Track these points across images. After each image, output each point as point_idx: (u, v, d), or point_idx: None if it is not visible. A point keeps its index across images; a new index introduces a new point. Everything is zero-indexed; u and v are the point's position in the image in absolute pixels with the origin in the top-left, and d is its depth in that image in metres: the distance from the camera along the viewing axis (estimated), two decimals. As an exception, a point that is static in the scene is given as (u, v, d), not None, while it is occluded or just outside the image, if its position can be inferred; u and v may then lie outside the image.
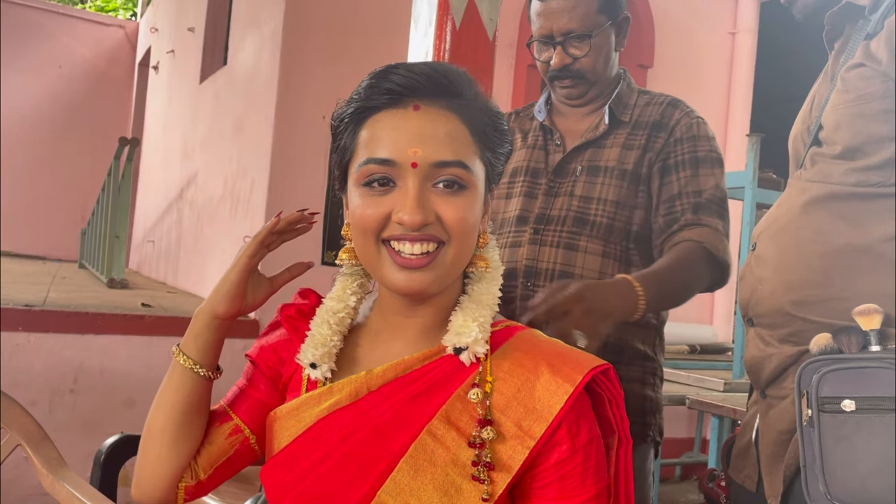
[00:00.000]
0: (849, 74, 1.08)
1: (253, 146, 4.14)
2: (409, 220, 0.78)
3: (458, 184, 0.80)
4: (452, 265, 0.82)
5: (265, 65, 4.07)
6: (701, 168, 1.42)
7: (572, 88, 1.50)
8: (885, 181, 1.03)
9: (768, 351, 1.12)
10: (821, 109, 1.14)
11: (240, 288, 0.89)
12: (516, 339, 0.87)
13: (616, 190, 1.44)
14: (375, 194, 0.80)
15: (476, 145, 0.83)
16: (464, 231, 0.81)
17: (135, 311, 3.56)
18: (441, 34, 2.57)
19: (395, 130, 0.80)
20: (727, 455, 1.29)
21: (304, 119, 3.81)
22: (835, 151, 1.08)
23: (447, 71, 0.83)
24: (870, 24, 1.08)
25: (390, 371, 0.84)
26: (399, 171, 0.79)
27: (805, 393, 0.95)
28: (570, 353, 0.85)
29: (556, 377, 0.81)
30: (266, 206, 3.81)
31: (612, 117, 1.49)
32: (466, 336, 0.81)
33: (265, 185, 3.84)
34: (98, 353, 3.33)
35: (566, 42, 1.46)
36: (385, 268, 0.82)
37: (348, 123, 0.84)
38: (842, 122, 1.08)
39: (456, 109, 0.82)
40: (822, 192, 1.09)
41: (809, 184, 1.12)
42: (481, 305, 0.85)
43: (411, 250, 0.79)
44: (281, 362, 0.93)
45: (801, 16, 1.21)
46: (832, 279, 1.05)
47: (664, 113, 1.48)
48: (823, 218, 1.07)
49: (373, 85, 0.83)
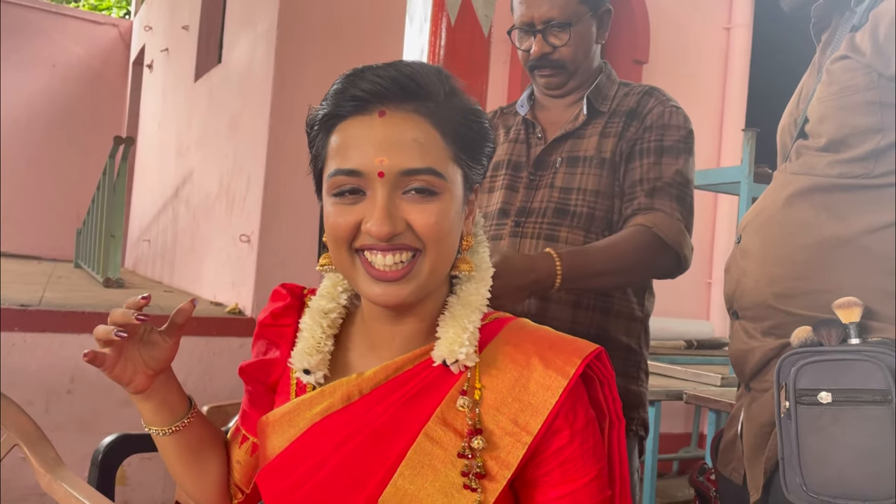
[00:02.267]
0: (833, 67, 1.09)
1: (248, 144, 4.14)
2: (376, 230, 0.76)
3: (430, 190, 0.78)
4: (430, 274, 0.80)
5: (260, 62, 4.07)
6: (665, 156, 1.42)
7: (552, 77, 1.50)
8: (868, 173, 1.03)
9: (752, 344, 1.13)
10: (807, 102, 1.14)
11: (130, 370, 0.87)
12: (506, 331, 0.86)
13: (595, 179, 1.44)
14: (346, 203, 0.79)
15: (449, 149, 0.80)
16: (438, 237, 0.78)
17: (131, 311, 3.55)
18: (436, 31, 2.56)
19: (362, 139, 0.77)
20: (716, 449, 1.29)
21: (300, 116, 3.74)
22: (819, 144, 1.08)
23: (415, 73, 0.79)
24: (855, 15, 1.08)
25: (381, 373, 0.83)
26: (367, 181, 0.77)
27: (783, 385, 0.96)
28: (561, 342, 0.84)
29: (548, 370, 0.81)
30: (262, 204, 3.81)
31: (591, 108, 1.50)
32: (456, 352, 0.80)
33: (261, 182, 3.83)
34: (94, 353, 3.32)
35: (546, 31, 1.46)
36: (360, 279, 0.80)
37: (318, 130, 0.82)
38: (826, 115, 1.08)
39: (425, 113, 0.79)
40: (805, 185, 1.09)
41: (794, 176, 1.12)
42: (469, 308, 0.84)
43: (384, 262, 0.78)
44: (269, 372, 0.93)
45: (788, 8, 1.21)
46: (814, 271, 1.05)
47: (640, 101, 1.48)
48: (806, 210, 1.07)
49: (339, 91, 0.80)
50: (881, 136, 1.01)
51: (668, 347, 3.93)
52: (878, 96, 1.01)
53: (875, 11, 1.03)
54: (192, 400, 0.95)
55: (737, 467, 1.17)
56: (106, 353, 0.85)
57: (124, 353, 0.86)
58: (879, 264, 1.00)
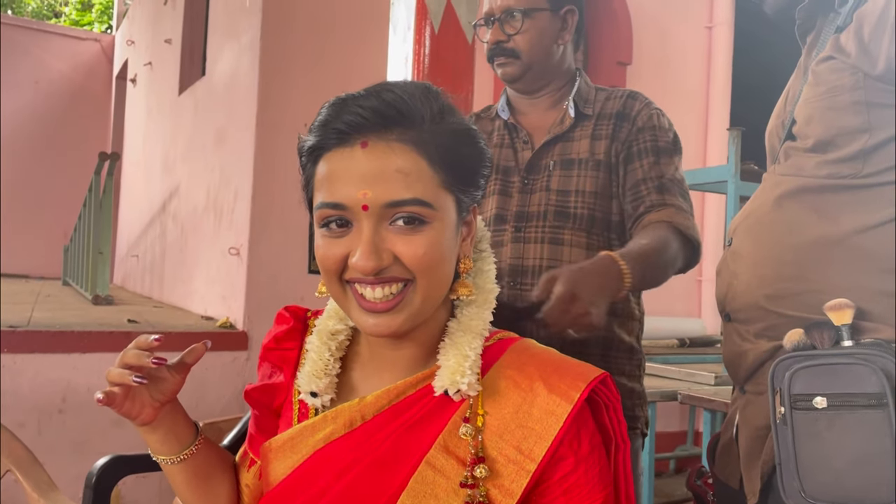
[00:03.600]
0: (819, 68, 1.09)
1: (235, 156, 4.12)
2: (361, 266, 0.75)
3: (419, 219, 0.76)
4: (423, 303, 0.78)
5: (244, 74, 4.05)
6: (662, 156, 1.45)
7: (506, 67, 1.52)
8: (856, 173, 1.03)
9: (745, 346, 1.13)
10: (794, 104, 1.15)
11: (137, 405, 0.85)
12: (510, 353, 0.85)
13: (592, 181, 1.46)
14: (333, 236, 0.78)
15: (437, 175, 0.77)
16: (428, 267, 0.77)
17: (121, 328, 3.53)
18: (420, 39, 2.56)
19: (345, 171, 0.76)
20: (713, 452, 1.29)
21: (286, 127, 3.79)
22: (807, 145, 1.09)
23: (397, 99, 0.77)
24: (840, 16, 1.09)
25: (383, 398, 0.83)
26: (351, 213, 0.76)
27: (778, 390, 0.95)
28: (565, 365, 0.83)
29: (552, 395, 0.79)
30: (250, 216, 3.79)
31: (577, 111, 1.51)
32: (458, 382, 0.79)
33: (248, 194, 3.82)
34: (85, 372, 3.30)
35: (503, 19, 1.50)
36: (353, 310, 0.79)
37: (306, 161, 0.82)
38: (813, 116, 1.08)
39: (409, 141, 0.76)
40: (794, 186, 1.09)
41: (783, 177, 1.12)
42: (470, 333, 0.82)
43: (373, 295, 0.76)
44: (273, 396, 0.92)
45: (772, 11, 1.21)
46: (805, 272, 1.05)
47: (625, 104, 1.50)
48: (796, 211, 1.08)
49: (323, 123, 0.79)
50: (868, 135, 1.01)
51: (661, 346, 3.93)
52: (865, 96, 1.01)
53: (859, 12, 1.04)
54: (198, 426, 0.94)
55: (733, 471, 1.17)
56: (116, 392, 0.83)
57: (132, 389, 0.84)
58: (870, 263, 1.00)
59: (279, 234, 3.77)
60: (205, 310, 4.40)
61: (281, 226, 3.77)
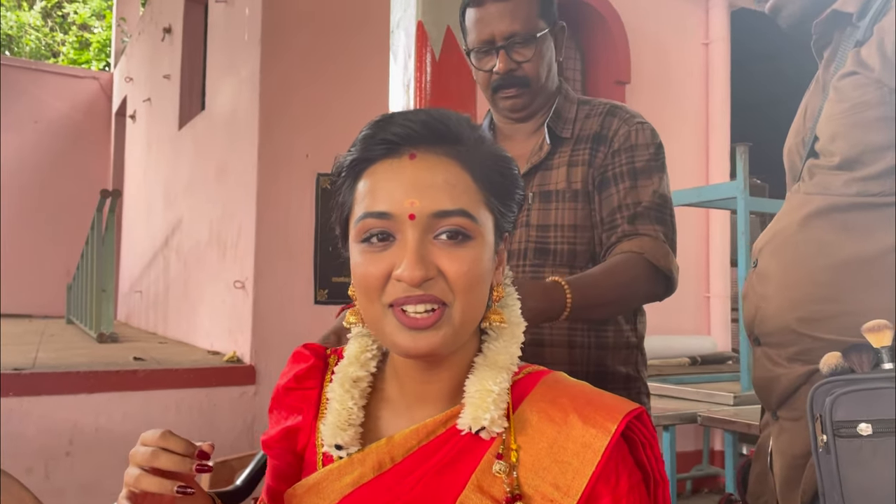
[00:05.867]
0: (841, 84, 1.06)
1: (237, 189, 4.11)
2: (408, 275, 0.72)
3: (463, 234, 0.75)
4: (462, 324, 0.76)
5: (244, 107, 4.06)
6: (639, 179, 1.37)
7: (517, 98, 1.42)
8: (885, 191, 1.00)
9: (777, 371, 1.09)
10: (814, 120, 1.12)
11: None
12: (541, 386, 0.82)
13: (571, 213, 1.39)
14: (375, 250, 0.75)
15: (481, 192, 0.78)
16: (469, 286, 0.75)
17: (127, 367, 3.50)
18: (421, 66, 2.55)
19: (392, 181, 0.75)
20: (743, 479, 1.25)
21: (288, 158, 3.79)
22: (833, 162, 1.06)
23: (444, 116, 0.78)
24: (858, 30, 1.07)
25: (412, 437, 0.79)
26: (397, 224, 0.74)
27: (818, 416, 0.92)
28: (599, 398, 0.80)
29: (588, 426, 0.76)
30: (255, 248, 3.77)
31: (553, 135, 1.43)
32: (481, 419, 0.76)
33: (252, 227, 3.80)
34: (93, 413, 3.27)
35: (509, 47, 1.38)
36: (390, 329, 0.76)
37: (345, 177, 0.80)
38: (838, 133, 1.05)
39: (455, 155, 0.77)
40: (822, 205, 1.06)
41: (809, 196, 1.09)
42: (496, 368, 0.80)
43: (415, 309, 0.74)
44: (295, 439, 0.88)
45: (786, 25, 1.19)
46: (838, 294, 1.02)
47: (603, 124, 1.41)
48: (825, 230, 1.05)
49: (369, 136, 0.78)
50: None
51: (672, 366, 3.89)
52: (891, 111, 0.99)
53: (880, 25, 1.01)
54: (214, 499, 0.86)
55: (769, 500, 1.13)
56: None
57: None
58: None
59: (284, 266, 3.75)
60: (211, 344, 4.37)
61: (286, 257, 3.75)
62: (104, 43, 12.67)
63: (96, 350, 4.37)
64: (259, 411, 3.62)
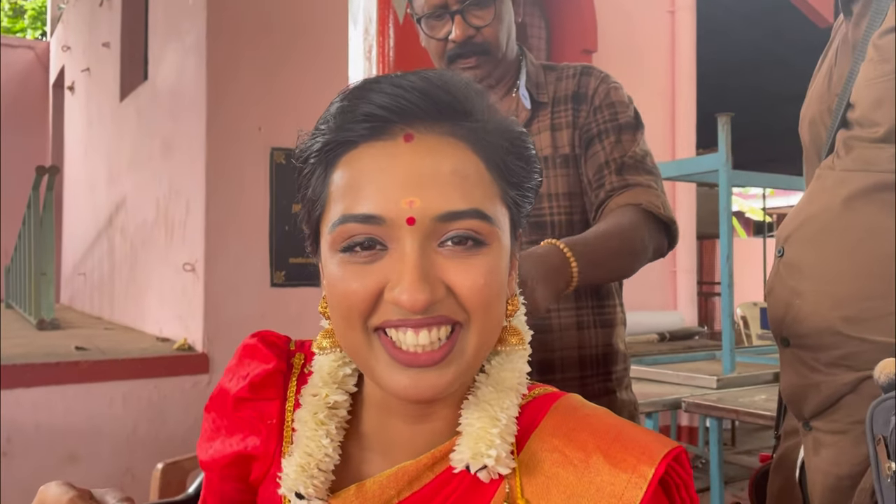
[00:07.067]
0: (882, 41, 0.93)
1: (184, 165, 3.88)
2: (408, 300, 0.55)
3: (475, 239, 0.57)
4: (476, 353, 0.59)
5: (190, 77, 3.81)
6: (623, 134, 1.29)
7: (477, 68, 1.29)
8: None
9: (814, 378, 0.96)
10: (844, 85, 0.98)
11: None
12: (553, 415, 0.64)
13: (564, 181, 1.30)
14: (359, 262, 0.57)
15: (496, 182, 0.60)
16: (487, 303, 0.58)
17: (69, 357, 3.27)
18: (384, 30, 2.37)
19: (382, 173, 0.57)
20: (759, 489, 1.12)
21: (239, 131, 3.58)
22: (877, 134, 0.93)
23: (447, 82, 0.59)
24: None
25: (390, 486, 0.62)
26: (390, 230, 0.56)
27: (881, 439, 0.78)
28: (627, 433, 0.63)
29: (617, 471, 0.60)
30: (205, 228, 3.56)
31: (532, 100, 1.33)
32: (483, 455, 0.59)
33: (202, 205, 3.59)
34: (31, 408, 3.06)
35: (465, 10, 1.25)
36: (380, 366, 0.58)
37: (315, 165, 0.60)
38: (884, 98, 0.92)
39: (465, 136, 0.58)
40: (867, 183, 0.93)
41: (849, 174, 0.95)
42: (502, 391, 0.62)
43: (415, 341, 0.56)
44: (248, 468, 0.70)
45: None
46: (892, 288, 0.89)
47: (580, 83, 1.33)
48: (874, 214, 0.91)
49: (345, 109, 0.58)
50: None
51: (641, 342, 3.81)
52: None
53: None
54: None
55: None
56: None
57: None
58: None
59: (237, 247, 3.55)
60: (160, 330, 4.15)
61: (238, 237, 3.56)
62: (39, 10, 12.09)
63: (36, 338, 4.10)
64: (213, 402, 3.42)
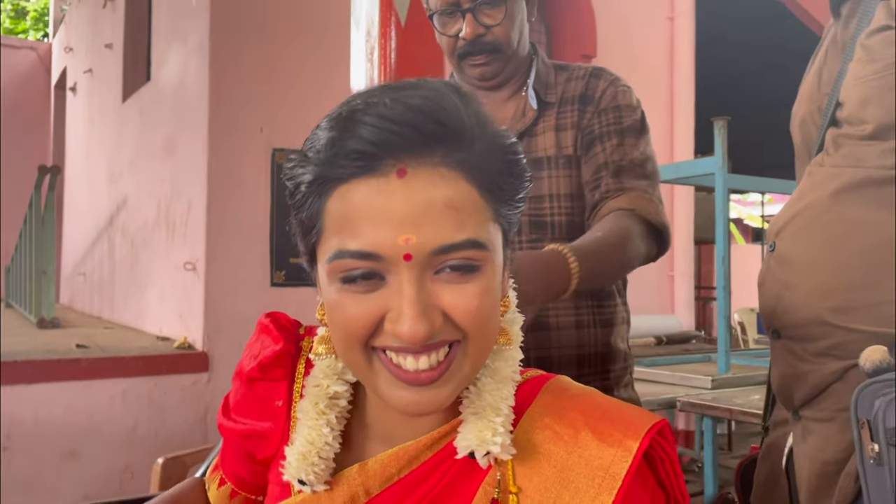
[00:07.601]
0: (870, 41, 0.96)
1: (186, 165, 3.91)
2: (408, 332, 0.57)
3: (470, 266, 0.59)
4: (472, 368, 0.62)
5: (193, 78, 3.84)
6: (626, 137, 1.28)
7: (486, 66, 1.30)
8: None
9: (803, 367, 0.99)
10: (833, 84, 1.01)
11: None
12: (543, 395, 0.68)
13: (566, 181, 1.30)
14: (358, 291, 0.59)
15: (489, 206, 0.61)
16: (482, 323, 0.60)
17: (69, 355, 3.29)
18: (385, 33, 2.39)
19: (376, 210, 0.57)
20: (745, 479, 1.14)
21: (241, 132, 3.60)
22: (865, 131, 0.95)
23: (437, 109, 0.58)
24: None
25: (391, 465, 0.65)
26: (387, 265, 0.58)
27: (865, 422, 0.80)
28: (615, 410, 0.67)
29: (604, 446, 0.63)
30: (206, 228, 3.58)
31: (539, 100, 1.33)
32: (488, 442, 0.62)
33: (203, 205, 3.61)
34: (31, 405, 3.08)
35: (476, 9, 1.25)
36: (381, 383, 0.61)
37: (307, 194, 0.60)
38: (870, 97, 0.95)
39: (457, 164, 0.58)
40: (855, 179, 0.96)
41: (837, 170, 0.98)
42: (500, 380, 0.66)
43: (416, 366, 0.59)
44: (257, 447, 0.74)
45: None
46: (878, 279, 0.91)
47: (588, 85, 1.33)
48: (860, 207, 0.94)
49: (335, 141, 0.58)
50: None
51: (638, 346, 3.83)
52: None
53: None
54: None
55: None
56: None
57: None
58: None
59: (237, 246, 3.58)
60: (160, 329, 4.17)
61: (239, 237, 3.58)
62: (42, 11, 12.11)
63: (36, 336, 4.12)
64: (212, 401, 3.44)
